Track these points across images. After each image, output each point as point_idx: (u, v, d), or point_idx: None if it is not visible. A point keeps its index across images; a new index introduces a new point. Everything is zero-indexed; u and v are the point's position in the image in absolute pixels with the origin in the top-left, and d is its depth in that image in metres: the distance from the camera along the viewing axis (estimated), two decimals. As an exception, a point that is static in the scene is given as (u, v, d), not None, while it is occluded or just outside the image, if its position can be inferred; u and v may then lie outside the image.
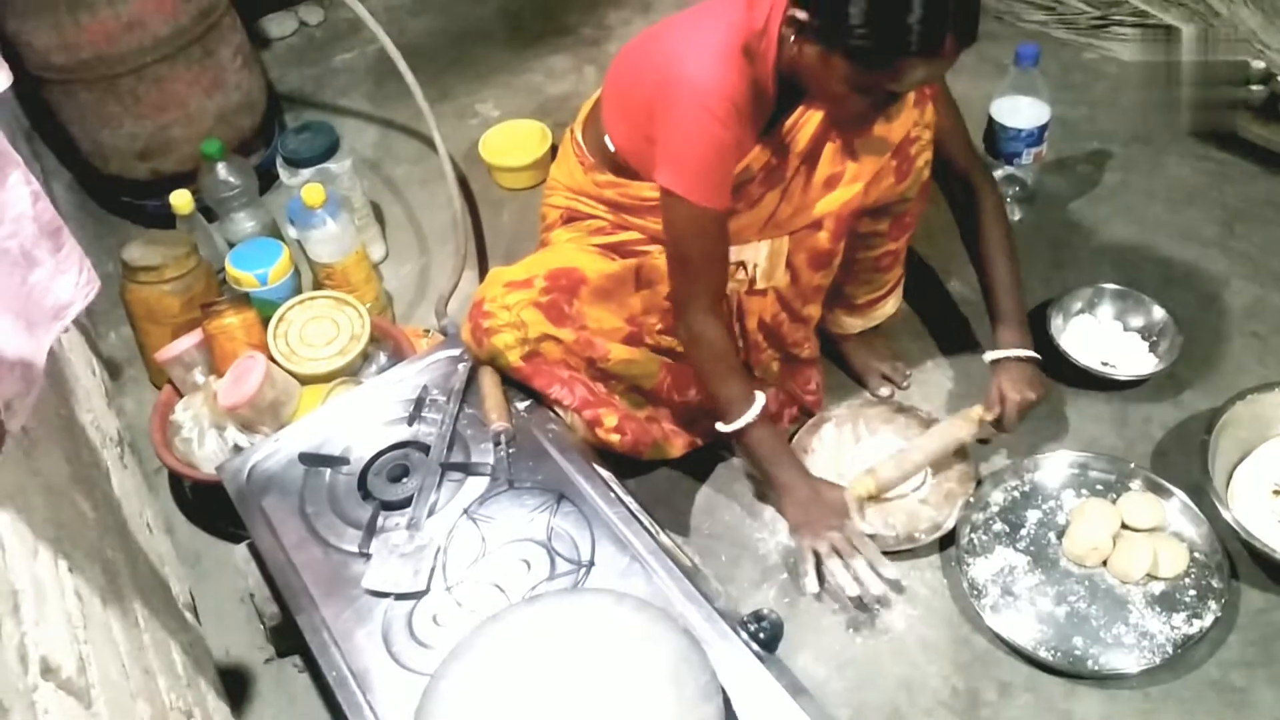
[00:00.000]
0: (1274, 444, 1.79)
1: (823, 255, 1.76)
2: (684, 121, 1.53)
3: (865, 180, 1.69)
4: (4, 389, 1.07)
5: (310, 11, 3.16)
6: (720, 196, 1.58)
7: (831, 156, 1.67)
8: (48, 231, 1.21)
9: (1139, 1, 2.69)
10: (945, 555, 1.76)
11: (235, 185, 2.25)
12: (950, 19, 1.36)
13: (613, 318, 1.72)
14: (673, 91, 1.53)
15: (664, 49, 1.59)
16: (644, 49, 1.67)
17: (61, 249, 1.24)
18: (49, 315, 1.21)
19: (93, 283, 1.29)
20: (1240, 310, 2.06)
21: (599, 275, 1.72)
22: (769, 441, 1.73)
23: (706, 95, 1.51)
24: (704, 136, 1.52)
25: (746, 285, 1.78)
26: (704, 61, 1.51)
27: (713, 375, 1.68)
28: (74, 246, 1.27)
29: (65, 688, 1.04)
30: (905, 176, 1.72)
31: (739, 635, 1.35)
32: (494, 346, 1.69)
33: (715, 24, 1.54)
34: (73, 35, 2.18)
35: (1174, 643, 1.60)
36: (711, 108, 1.51)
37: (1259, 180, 2.30)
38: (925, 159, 1.73)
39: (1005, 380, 1.79)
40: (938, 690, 1.61)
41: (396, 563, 1.48)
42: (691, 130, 1.52)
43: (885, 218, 1.81)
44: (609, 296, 1.72)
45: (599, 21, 3.06)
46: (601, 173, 1.76)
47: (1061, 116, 2.41)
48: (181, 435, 1.83)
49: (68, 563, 1.24)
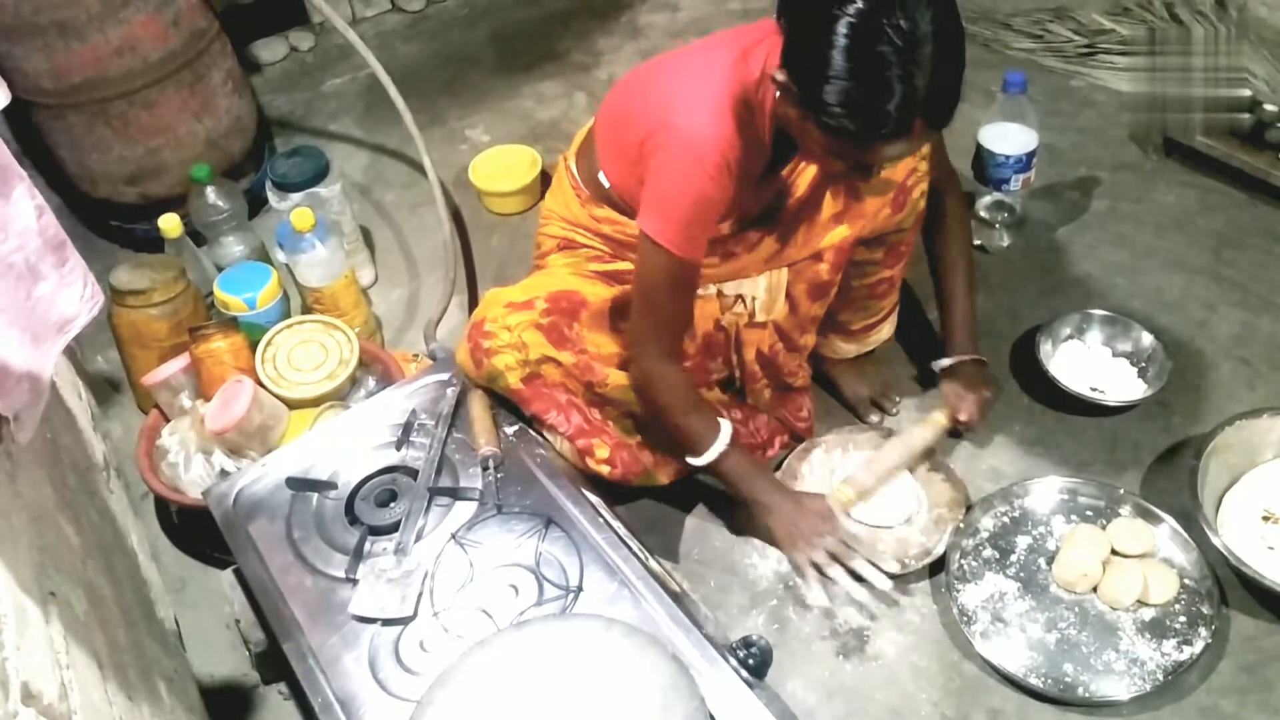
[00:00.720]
0: (1263, 470, 1.79)
1: (822, 286, 1.77)
2: (673, 171, 1.52)
3: (867, 218, 1.71)
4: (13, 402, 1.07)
5: (301, 37, 3.17)
6: (699, 249, 1.57)
7: (835, 199, 1.68)
8: (52, 245, 1.22)
9: (1126, 30, 2.71)
10: (935, 581, 1.75)
11: (224, 209, 2.25)
12: (920, 106, 1.33)
13: (611, 343, 1.72)
14: (665, 139, 1.52)
15: (659, 93, 1.58)
16: (639, 89, 1.66)
17: (66, 263, 1.25)
18: (54, 329, 1.21)
19: (96, 296, 1.30)
20: (1228, 336, 2.07)
21: (599, 300, 1.72)
22: (743, 465, 1.72)
23: (698, 147, 1.50)
24: (691, 189, 1.51)
25: (746, 318, 1.79)
26: (698, 113, 1.51)
27: (675, 413, 1.67)
28: (78, 261, 1.27)
29: (47, 714, 1.03)
30: (902, 207, 1.74)
31: (728, 661, 1.34)
32: (494, 367, 1.68)
33: (710, 72, 1.53)
34: (63, 60, 2.18)
35: (1164, 669, 1.59)
36: (702, 160, 1.50)
37: (1246, 207, 2.31)
38: (921, 189, 1.75)
39: (961, 382, 1.84)
40: (928, 717, 1.60)
41: (384, 588, 1.47)
42: (679, 181, 1.52)
43: (880, 247, 1.82)
44: (608, 322, 1.72)
45: (589, 48, 3.07)
46: (598, 206, 1.76)
47: (1049, 143, 2.42)
48: (168, 460, 1.83)
49: (51, 587, 1.23)
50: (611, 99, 1.74)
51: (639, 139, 1.58)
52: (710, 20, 3.09)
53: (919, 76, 1.30)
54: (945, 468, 1.87)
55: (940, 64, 1.32)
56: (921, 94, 1.32)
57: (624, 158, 1.67)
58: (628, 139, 1.63)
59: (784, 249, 1.72)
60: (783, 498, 1.73)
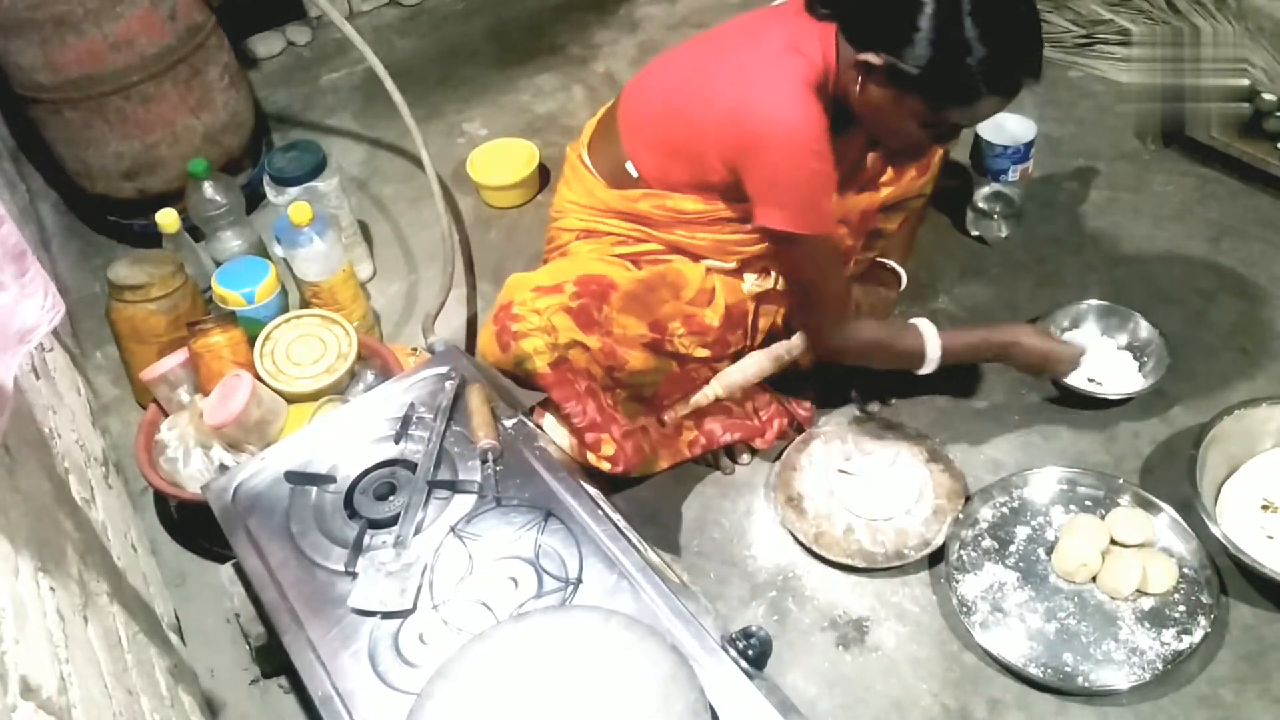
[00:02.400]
0: (1262, 459, 1.80)
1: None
2: (782, 164, 1.58)
3: (900, 185, 1.82)
4: None
5: (298, 31, 3.16)
6: (829, 221, 1.66)
7: (873, 166, 1.78)
8: (12, 255, 1.20)
9: (1124, 21, 2.71)
10: (934, 572, 1.75)
11: (222, 204, 2.24)
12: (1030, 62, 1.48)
13: (639, 325, 1.71)
14: (761, 141, 1.57)
15: (724, 94, 1.60)
16: (681, 88, 1.69)
17: (26, 273, 1.23)
18: (14, 340, 1.20)
19: (58, 306, 1.28)
20: (1227, 326, 2.07)
21: (628, 282, 1.72)
22: (965, 344, 1.82)
23: (797, 133, 1.56)
24: (807, 173, 1.58)
25: (770, 287, 1.83)
26: (784, 104, 1.56)
27: (884, 354, 1.79)
28: (39, 271, 1.26)
29: (45, 708, 1.03)
30: (926, 170, 1.86)
31: (728, 653, 1.34)
32: (522, 350, 1.68)
33: (775, 64, 1.58)
34: (59, 55, 2.18)
35: (1164, 659, 1.59)
36: (808, 144, 1.56)
37: (1244, 196, 2.31)
38: (939, 154, 1.85)
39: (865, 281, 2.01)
40: (928, 708, 1.60)
41: (383, 581, 1.46)
42: (792, 170, 1.58)
43: (898, 213, 1.92)
44: (637, 302, 1.72)
45: (587, 41, 3.07)
46: (629, 188, 1.77)
47: (1048, 134, 2.42)
48: (167, 454, 1.82)
49: (49, 582, 1.23)
50: (638, 97, 1.77)
51: (715, 147, 1.63)
52: (708, 12, 3.09)
53: (1028, 32, 1.48)
54: (944, 458, 1.87)
55: (1034, 20, 1.49)
56: (1029, 51, 1.48)
57: (672, 154, 1.71)
58: (679, 137, 1.68)
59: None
60: (1020, 332, 1.84)
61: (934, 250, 1.93)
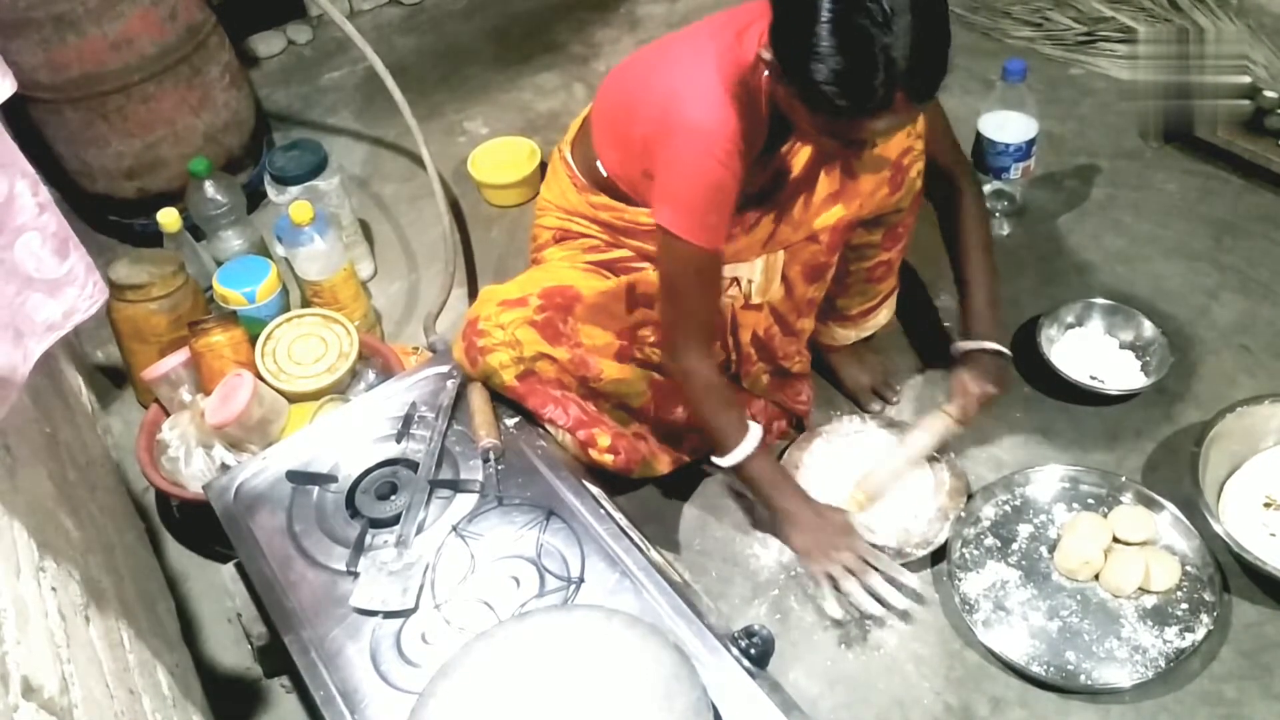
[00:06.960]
0: (1264, 456, 1.79)
1: (819, 268, 1.77)
2: (685, 163, 1.52)
3: (863, 197, 1.69)
4: None
5: (299, 30, 3.16)
6: (719, 237, 1.56)
7: (830, 176, 1.67)
8: (54, 243, 1.22)
9: (1126, 18, 2.71)
10: (936, 570, 1.75)
11: (223, 203, 2.24)
12: (900, 79, 1.31)
13: (605, 334, 1.71)
14: (672, 132, 1.52)
15: (658, 85, 1.57)
16: (637, 79, 1.66)
17: (68, 259, 1.25)
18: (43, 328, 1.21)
19: (97, 295, 1.30)
20: (1229, 323, 2.06)
21: (593, 292, 1.71)
22: (768, 471, 1.72)
23: (707, 137, 1.50)
24: (705, 178, 1.51)
25: (741, 300, 1.78)
26: (700, 101, 1.50)
27: (707, 410, 1.67)
28: (81, 257, 1.27)
29: (47, 708, 1.03)
30: (899, 187, 1.72)
31: (730, 651, 1.34)
32: (488, 365, 1.69)
33: (706, 59, 1.52)
34: (59, 54, 2.18)
35: (1166, 656, 1.59)
36: (712, 150, 1.49)
37: (1246, 194, 2.31)
38: (918, 169, 1.74)
39: (968, 373, 1.80)
40: (930, 706, 1.60)
41: (385, 581, 1.47)
42: (693, 172, 1.51)
43: (879, 228, 1.81)
44: (603, 312, 1.72)
45: (587, 39, 3.07)
46: (595, 194, 1.76)
47: (1049, 131, 2.42)
48: (168, 454, 1.82)
49: (51, 582, 1.23)
50: (606, 89, 1.74)
51: (642, 132, 1.58)
52: (708, 10, 3.05)
53: (896, 49, 1.29)
54: (946, 457, 1.87)
55: (920, 36, 1.30)
56: (901, 66, 1.30)
57: (624, 149, 1.67)
58: (628, 131, 1.63)
59: (780, 230, 1.70)
60: (804, 508, 1.71)
61: (935, 248, 1.92)
